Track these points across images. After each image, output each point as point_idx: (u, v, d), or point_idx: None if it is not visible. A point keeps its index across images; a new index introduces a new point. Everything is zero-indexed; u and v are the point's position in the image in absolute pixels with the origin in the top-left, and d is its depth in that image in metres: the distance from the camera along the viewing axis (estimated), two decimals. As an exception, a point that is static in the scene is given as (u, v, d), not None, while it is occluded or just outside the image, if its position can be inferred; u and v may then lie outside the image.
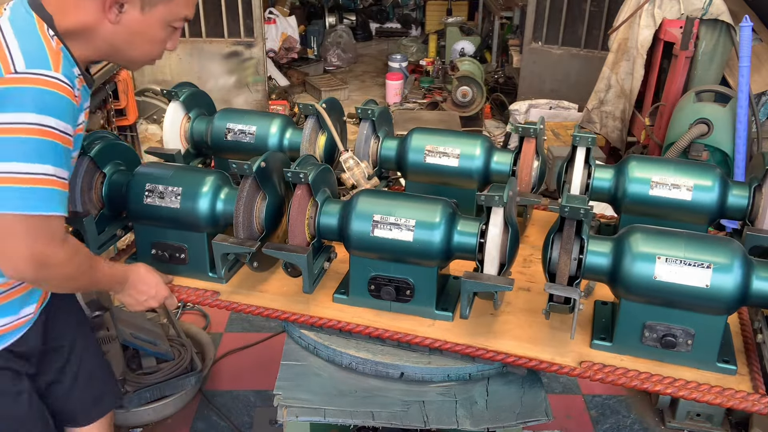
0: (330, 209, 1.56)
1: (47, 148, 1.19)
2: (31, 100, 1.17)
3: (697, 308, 1.36)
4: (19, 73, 1.17)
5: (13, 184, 1.17)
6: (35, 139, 1.17)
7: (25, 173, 1.18)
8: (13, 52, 1.19)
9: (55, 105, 1.19)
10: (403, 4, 8.67)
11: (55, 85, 1.19)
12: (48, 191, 1.21)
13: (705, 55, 3.61)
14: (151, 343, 2.48)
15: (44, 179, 1.20)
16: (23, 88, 1.17)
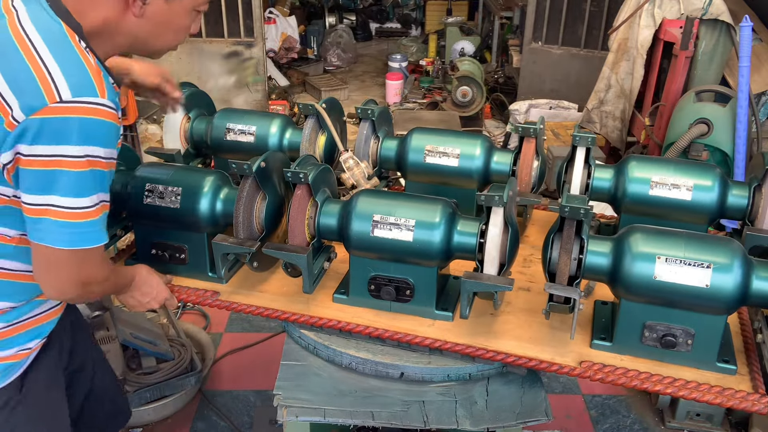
0: (330, 209, 1.56)
1: (96, 179, 1.18)
2: (78, 131, 1.13)
3: (697, 308, 1.36)
4: (65, 103, 1.12)
5: (63, 219, 1.17)
6: (84, 172, 1.15)
7: (76, 208, 1.17)
8: (56, 77, 1.12)
9: (103, 134, 1.16)
10: (403, 4, 8.67)
11: (102, 112, 1.15)
12: (96, 222, 1.21)
13: (705, 55, 3.61)
14: (151, 343, 2.48)
15: (93, 211, 1.20)
16: (70, 119, 1.12)
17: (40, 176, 1.14)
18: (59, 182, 1.14)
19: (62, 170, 1.14)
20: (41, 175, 1.14)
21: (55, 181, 1.14)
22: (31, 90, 1.11)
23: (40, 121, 1.11)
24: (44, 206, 1.16)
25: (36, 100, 1.11)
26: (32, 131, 1.11)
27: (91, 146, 1.14)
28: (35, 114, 1.11)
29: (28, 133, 1.11)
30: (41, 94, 1.11)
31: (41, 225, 1.17)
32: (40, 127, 1.11)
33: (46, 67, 1.12)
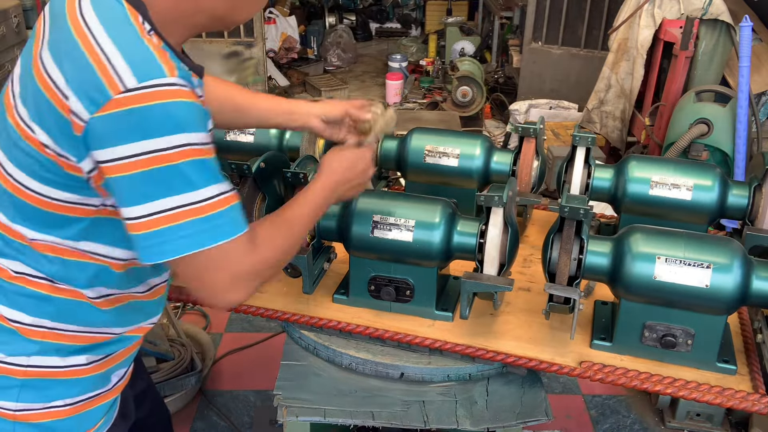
0: (330, 210, 1.55)
1: (200, 168, 0.99)
2: (156, 121, 0.94)
3: (697, 308, 1.36)
4: (131, 91, 0.93)
5: (183, 220, 0.99)
6: (176, 166, 0.96)
7: (190, 204, 0.99)
8: (116, 63, 0.94)
9: (184, 116, 0.97)
10: (403, 4, 8.66)
11: (176, 93, 0.96)
12: (225, 212, 1.02)
13: (705, 55, 3.61)
14: (151, 343, 2.48)
15: (214, 203, 1.01)
16: (142, 109, 0.94)
17: (138, 182, 0.96)
18: (164, 182, 0.97)
19: (159, 167, 0.95)
20: (139, 181, 0.96)
21: (159, 182, 0.96)
22: (91, 82, 0.94)
23: (107, 117, 0.94)
24: (157, 214, 0.98)
25: (98, 95, 0.94)
26: (102, 132, 0.95)
27: (179, 134, 0.96)
28: (100, 111, 0.94)
29: (98, 134, 0.95)
30: (102, 85, 0.94)
31: (161, 237, 0.99)
32: (109, 124, 0.94)
33: (104, 53, 0.95)
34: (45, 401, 1.14)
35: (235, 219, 1.04)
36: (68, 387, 1.16)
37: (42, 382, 1.14)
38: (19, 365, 1.12)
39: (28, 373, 1.13)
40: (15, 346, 1.12)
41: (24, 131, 1.03)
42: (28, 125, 1.02)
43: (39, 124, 1.01)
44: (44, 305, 1.12)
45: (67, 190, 1.04)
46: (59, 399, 1.15)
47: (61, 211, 1.06)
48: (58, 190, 1.04)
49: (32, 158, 1.03)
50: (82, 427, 1.19)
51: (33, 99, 1.01)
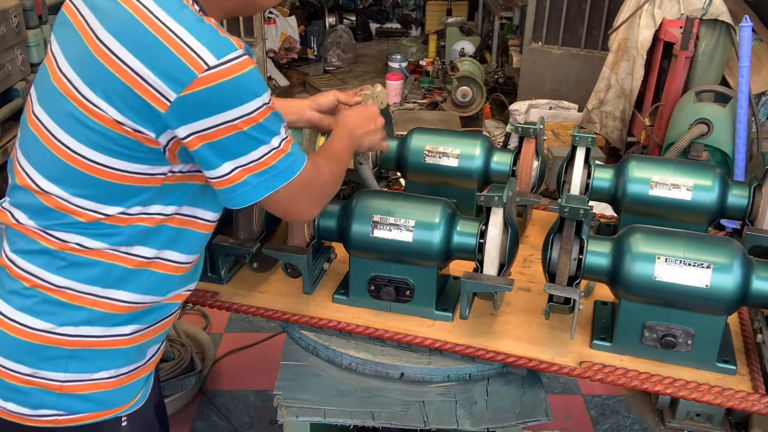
0: (329, 210, 1.56)
1: (273, 120, 1.13)
2: (239, 90, 1.06)
3: (697, 308, 1.36)
4: (213, 68, 1.04)
5: (264, 167, 1.13)
6: (261, 123, 1.10)
7: (268, 153, 1.13)
8: (194, 46, 1.04)
9: (257, 81, 1.09)
10: (403, 4, 8.67)
11: (248, 62, 1.08)
12: (291, 151, 1.18)
13: (705, 55, 3.61)
14: (151, 343, 2.48)
15: (284, 146, 1.16)
16: (228, 82, 1.05)
17: (225, 145, 1.09)
18: (249, 140, 1.10)
19: (245, 130, 1.09)
20: (225, 144, 1.09)
21: (244, 142, 1.10)
22: (174, 65, 1.03)
23: (195, 94, 1.04)
24: (240, 168, 1.12)
25: (183, 75, 1.03)
26: (190, 106, 1.05)
27: (255, 99, 1.09)
28: (187, 89, 1.04)
29: (186, 109, 1.05)
30: (187, 67, 1.03)
31: (247, 186, 1.14)
32: (197, 101, 1.05)
33: (179, 38, 1.04)
34: (91, 372, 1.20)
35: (299, 154, 1.20)
36: (112, 358, 1.21)
37: (89, 352, 1.19)
38: (68, 335, 1.17)
39: (76, 343, 1.18)
40: (64, 316, 1.17)
41: (92, 110, 1.09)
42: (95, 105, 1.08)
43: (110, 104, 1.07)
44: (93, 272, 1.17)
45: (139, 162, 1.12)
46: (103, 370, 1.21)
47: (130, 182, 1.13)
48: (129, 162, 1.11)
49: (104, 136, 1.09)
50: (123, 400, 1.25)
51: (101, 80, 1.07)
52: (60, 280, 1.16)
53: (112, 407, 1.23)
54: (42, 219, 1.16)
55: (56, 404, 1.18)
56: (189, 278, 1.32)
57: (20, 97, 2.61)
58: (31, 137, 1.17)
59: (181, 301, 1.34)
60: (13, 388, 1.18)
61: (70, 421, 1.20)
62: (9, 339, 1.17)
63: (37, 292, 1.16)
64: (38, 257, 1.16)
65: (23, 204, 1.18)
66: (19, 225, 1.17)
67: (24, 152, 1.20)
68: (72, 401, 1.19)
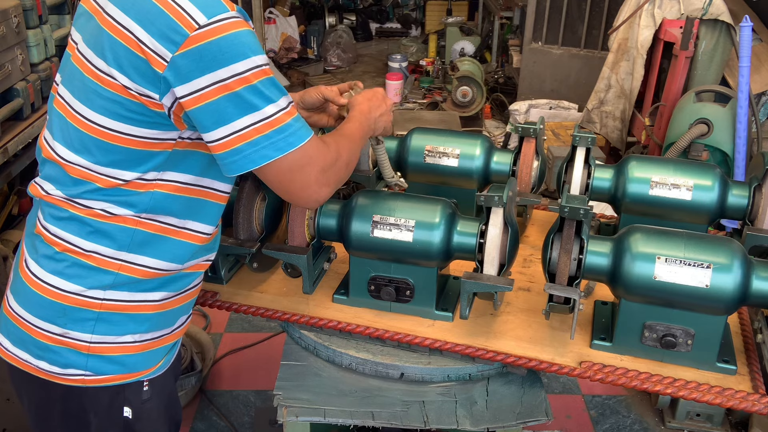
0: (330, 209, 1.56)
1: (271, 84, 1.14)
2: (228, 49, 1.09)
3: (696, 308, 1.36)
4: (204, 27, 1.08)
5: (265, 132, 1.14)
6: (257, 84, 1.11)
7: (270, 116, 1.14)
8: (185, 6, 1.08)
9: (250, 42, 1.12)
10: (403, 4, 8.67)
11: (240, 23, 1.11)
12: (294, 120, 1.17)
13: (705, 55, 3.61)
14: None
15: (288, 111, 1.16)
16: (218, 40, 1.08)
17: (219, 106, 1.11)
18: (242, 103, 1.11)
19: (237, 91, 1.10)
20: (219, 105, 1.11)
21: (237, 104, 1.11)
22: (167, 26, 1.08)
23: (188, 53, 1.08)
24: (235, 134, 1.13)
25: (176, 35, 1.08)
26: (185, 66, 1.09)
27: (247, 59, 1.10)
28: (180, 48, 1.08)
29: (181, 69, 1.09)
30: (179, 27, 1.08)
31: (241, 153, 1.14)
32: (190, 59, 1.08)
33: (173, 1, 1.09)
34: (117, 335, 1.26)
35: (303, 124, 1.20)
36: (138, 323, 1.27)
37: (116, 316, 1.25)
38: (96, 298, 1.24)
39: (104, 306, 1.24)
40: (92, 280, 1.23)
41: (104, 80, 1.14)
42: (107, 73, 1.14)
43: (119, 70, 1.12)
44: (118, 237, 1.22)
45: (149, 127, 1.16)
46: (129, 334, 1.27)
47: (143, 147, 1.18)
48: (140, 127, 1.16)
49: (115, 102, 1.14)
50: (146, 365, 1.30)
51: (110, 49, 1.13)
52: (88, 244, 1.22)
53: (136, 371, 1.29)
54: (68, 188, 1.22)
55: (84, 364, 1.25)
56: (209, 248, 1.37)
57: (20, 96, 2.60)
58: (56, 115, 1.24)
59: (203, 271, 1.39)
60: (45, 347, 1.25)
61: (97, 381, 1.26)
62: (42, 300, 1.24)
63: (67, 256, 1.23)
64: (68, 224, 1.22)
65: (51, 176, 1.25)
66: (49, 196, 1.24)
67: (50, 129, 1.27)
68: (98, 362, 1.25)
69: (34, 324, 1.25)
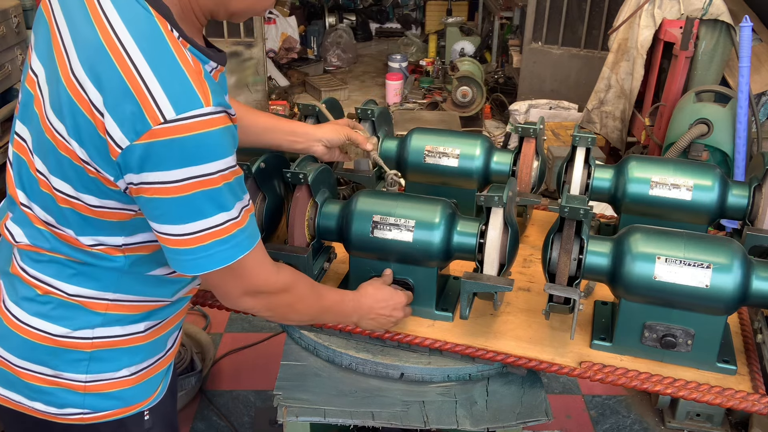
0: (330, 210, 1.56)
1: (230, 191, 1.06)
2: (194, 150, 0.99)
3: (696, 308, 1.36)
4: (170, 123, 0.97)
5: (216, 239, 1.06)
6: (217, 189, 1.03)
7: (222, 224, 1.06)
8: (156, 94, 0.97)
9: (218, 144, 1.01)
10: (403, 4, 8.67)
11: (213, 122, 1.00)
12: (244, 229, 1.10)
13: (705, 55, 3.61)
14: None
15: (239, 220, 1.09)
16: (181, 139, 0.97)
17: (169, 205, 1.02)
18: (196, 206, 1.03)
19: (192, 194, 1.01)
20: (169, 205, 1.02)
21: (191, 206, 1.03)
22: (131, 111, 0.97)
23: (145, 147, 0.97)
24: (189, 235, 1.05)
25: (139, 124, 0.97)
26: (139, 158, 0.99)
27: (212, 162, 1.01)
28: (139, 140, 0.97)
29: (135, 160, 0.99)
30: (143, 116, 0.96)
31: (194, 254, 1.07)
32: (146, 153, 0.98)
33: (143, 80, 0.96)
34: (113, 371, 1.21)
35: (252, 232, 1.13)
36: (132, 355, 1.23)
37: (109, 352, 1.20)
38: (86, 338, 1.18)
39: (95, 344, 1.19)
40: (79, 321, 1.17)
41: (61, 143, 1.05)
42: (65, 139, 1.04)
43: (78, 142, 1.03)
44: (103, 280, 1.17)
45: (108, 198, 1.09)
46: (125, 368, 1.22)
47: (108, 218, 1.11)
48: (99, 198, 1.09)
49: (73, 169, 1.06)
50: (145, 395, 1.27)
51: (69, 112, 1.02)
52: (71, 288, 1.16)
53: (135, 402, 1.26)
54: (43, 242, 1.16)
55: (81, 403, 1.21)
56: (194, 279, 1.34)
57: (20, 97, 2.60)
58: (16, 159, 1.17)
59: (192, 295, 1.36)
60: (38, 389, 1.19)
61: (96, 418, 1.23)
62: (28, 343, 1.18)
63: (51, 298, 1.17)
64: (48, 266, 1.16)
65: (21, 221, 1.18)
66: (22, 244, 1.18)
67: (14, 173, 1.19)
68: (96, 400, 1.21)
69: (24, 367, 1.19)
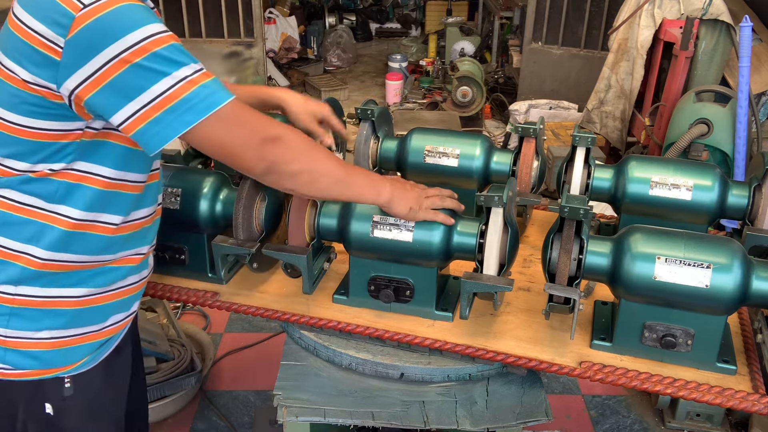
0: (329, 210, 1.56)
1: (169, 52, 1.08)
2: (115, 24, 1.05)
3: (696, 308, 1.36)
4: (88, 6, 1.05)
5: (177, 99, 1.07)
6: (163, 50, 1.06)
7: (179, 82, 1.07)
8: None
9: (142, 14, 1.07)
10: (403, 4, 8.68)
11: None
12: (210, 85, 1.10)
13: (705, 55, 3.61)
14: (150, 343, 2.48)
15: (199, 76, 1.10)
16: (104, 16, 1.04)
17: (121, 83, 1.06)
18: (144, 73, 1.06)
19: (137, 62, 1.05)
20: (121, 81, 1.06)
21: (140, 75, 1.06)
22: (55, 10, 1.06)
23: (77, 36, 1.05)
24: (147, 106, 1.07)
25: (63, 18, 1.05)
26: (77, 49, 1.06)
27: (139, 29, 1.05)
28: (71, 32, 1.05)
29: (75, 53, 1.06)
30: (65, 9, 1.05)
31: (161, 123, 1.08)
32: (80, 41, 1.05)
33: None
34: (33, 330, 1.24)
35: (224, 89, 1.13)
36: (54, 318, 1.25)
37: (29, 311, 1.23)
38: (7, 293, 1.21)
39: (15, 301, 1.22)
40: (3, 274, 1.21)
41: (7, 75, 1.14)
42: (10, 69, 1.13)
43: (19, 65, 1.11)
44: (26, 230, 1.20)
45: (52, 119, 1.14)
46: (45, 330, 1.24)
47: (46, 139, 1.16)
48: (43, 120, 1.14)
49: (17, 97, 1.13)
50: (66, 361, 1.27)
51: (12, 45, 1.13)
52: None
53: (53, 367, 1.26)
54: None
55: (2, 358, 1.23)
56: (136, 239, 1.33)
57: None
58: None
59: (137, 264, 1.35)
60: None
61: (15, 375, 1.24)
62: None
63: None
64: None
65: None
66: None
67: None
68: (16, 356, 1.24)
69: None
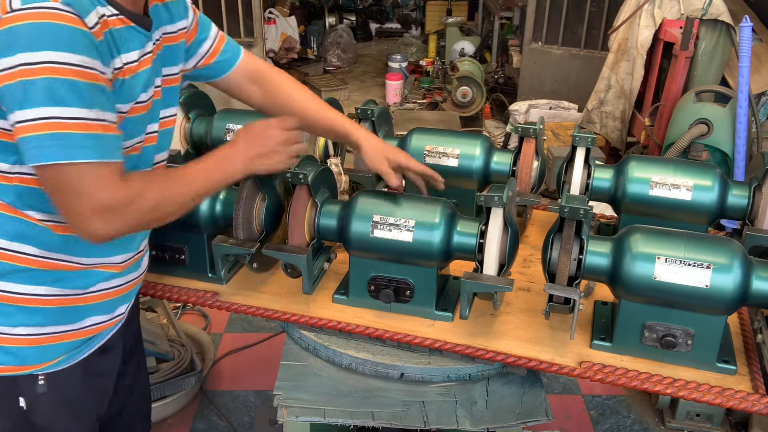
0: (329, 210, 1.56)
1: (67, 88, 1.04)
2: (26, 37, 1.02)
3: (696, 308, 1.36)
4: (14, 11, 1.03)
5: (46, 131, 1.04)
6: (42, 80, 1.03)
7: (53, 118, 1.04)
8: None
9: (54, 36, 1.03)
10: (403, 4, 8.67)
11: (53, 15, 1.03)
12: (90, 136, 1.07)
13: (705, 55, 3.61)
14: (150, 342, 2.48)
15: (86, 124, 1.06)
16: (18, 27, 1.02)
17: (8, 92, 1.05)
18: (28, 94, 1.03)
19: (25, 80, 1.03)
20: (8, 91, 1.04)
21: (23, 92, 1.03)
22: None
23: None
24: (22, 123, 1.05)
25: None
26: None
27: (39, 51, 1.02)
28: None
29: None
30: None
31: (30, 143, 1.05)
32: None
33: None
34: (9, 326, 1.23)
35: (105, 146, 1.09)
36: (29, 315, 1.24)
37: (6, 307, 1.22)
38: None
39: None
40: None
41: None
42: None
43: None
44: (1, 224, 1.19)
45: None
46: (21, 326, 1.24)
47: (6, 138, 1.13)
48: None
49: None
50: (42, 358, 1.26)
51: None
52: None
53: (29, 363, 1.26)
54: None
55: None
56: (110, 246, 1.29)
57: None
58: None
59: (119, 272, 1.33)
60: None
61: None
62: None
63: None
64: None
65: None
66: None
67: None
68: None
69: None
